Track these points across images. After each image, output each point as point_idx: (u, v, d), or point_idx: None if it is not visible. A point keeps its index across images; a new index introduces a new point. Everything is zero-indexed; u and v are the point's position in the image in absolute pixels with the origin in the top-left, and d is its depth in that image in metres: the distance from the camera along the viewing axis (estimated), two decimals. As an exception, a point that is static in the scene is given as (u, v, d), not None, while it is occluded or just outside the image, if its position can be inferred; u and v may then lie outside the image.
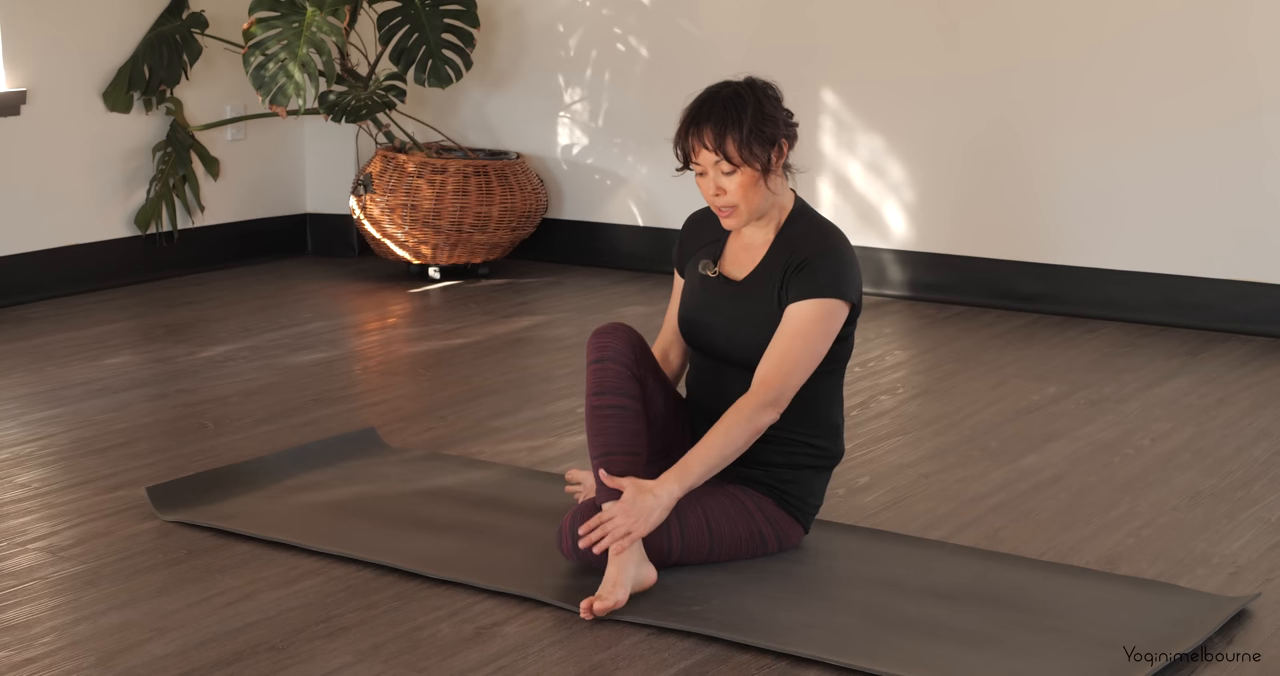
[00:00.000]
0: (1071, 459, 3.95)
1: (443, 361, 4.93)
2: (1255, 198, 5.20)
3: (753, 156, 3.03)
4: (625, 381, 3.06)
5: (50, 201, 5.77)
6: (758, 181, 3.06)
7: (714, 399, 3.19)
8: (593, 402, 3.06)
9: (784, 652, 2.79)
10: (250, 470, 3.73)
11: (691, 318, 3.22)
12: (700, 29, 6.02)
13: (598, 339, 3.11)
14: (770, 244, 3.15)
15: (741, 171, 3.04)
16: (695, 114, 3.06)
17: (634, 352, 3.09)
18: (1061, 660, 2.76)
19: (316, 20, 5.65)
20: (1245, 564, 3.25)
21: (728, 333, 3.15)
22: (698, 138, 3.04)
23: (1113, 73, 5.36)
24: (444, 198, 5.92)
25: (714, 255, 3.23)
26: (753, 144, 3.02)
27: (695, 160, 3.07)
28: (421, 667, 2.76)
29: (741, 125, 3.01)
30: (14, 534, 3.41)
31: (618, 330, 3.12)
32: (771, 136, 3.05)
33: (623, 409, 3.04)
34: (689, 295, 3.25)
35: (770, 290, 3.11)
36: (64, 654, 2.81)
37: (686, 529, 3.07)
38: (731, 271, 3.19)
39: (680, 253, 3.32)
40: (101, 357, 4.94)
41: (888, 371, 4.80)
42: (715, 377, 3.21)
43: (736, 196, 3.06)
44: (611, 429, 3.03)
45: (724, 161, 3.03)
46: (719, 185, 3.06)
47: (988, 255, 5.67)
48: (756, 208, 3.09)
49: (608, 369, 3.06)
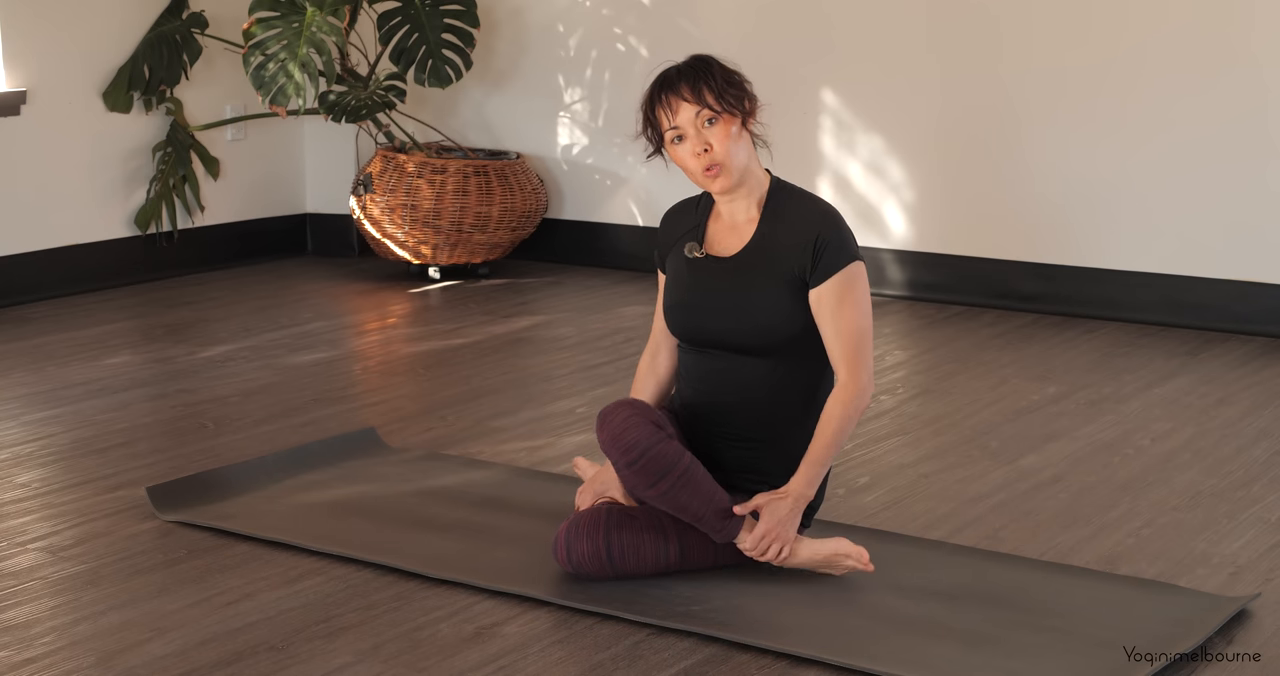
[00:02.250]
0: (1071, 459, 3.95)
1: (443, 361, 4.93)
2: (1255, 198, 5.20)
3: (731, 102, 3.06)
4: (670, 455, 2.99)
5: (50, 201, 5.77)
6: (740, 131, 3.08)
7: (708, 393, 3.15)
8: (661, 488, 2.99)
9: (784, 652, 2.79)
10: (250, 470, 3.73)
11: (682, 302, 3.17)
12: (700, 29, 6.02)
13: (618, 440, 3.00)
14: (758, 220, 3.14)
15: (723, 119, 3.06)
16: (663, 81, 3.10)
17: (643, 420, 3.02)
18: (1061, 660, 2.76)
19: (316, 20, 5.65)
20: (1245, 564, 3.25)
21: (722, 312, 3.11)
22: (674, 94, 3.07)
23: (1114, 74, 5.36)
24: (444, 198, 5.92)
25: (697, 239, 3.21)
26: (727, 91, 3.06)
27: (674, 123, 3.07)
28: (421, 667, 2.76)
29: (713, 76, 3.07)
30: (14, 534, 3.41)
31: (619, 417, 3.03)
32: (740, 85, 3.10)
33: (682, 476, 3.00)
34: (675, 284, 3.21)
35: (771, 264, 3.09)
36: (64, 654, 2.81)
37: (686, 548, 3.08)
38: (719, 251, 3.17)
39: (660, 248, 3.29)
40: (101, 357, 4.94)
41: (888, 371, 4.80)
42: (707, 370, 3.15)
43: (722, 150, 3.06)
44: (692, 493, 3.00)
45: (705, 110, 3.05)
46: (704, 139, 3.06)
47: (988, 255, 5.67)
48: (742, 164, 3.09)
49: (651, 458, 2.98)
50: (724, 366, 3.14)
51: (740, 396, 3.13)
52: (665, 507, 3.02)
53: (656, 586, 3.05)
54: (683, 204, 3.29)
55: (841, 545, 3.09)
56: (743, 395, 3.13)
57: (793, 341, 3.10)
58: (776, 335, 3.08)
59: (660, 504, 3.02)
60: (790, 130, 5.90)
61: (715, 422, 3.16)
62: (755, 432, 3.13)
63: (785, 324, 3.08)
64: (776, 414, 3.12)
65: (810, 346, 3.11)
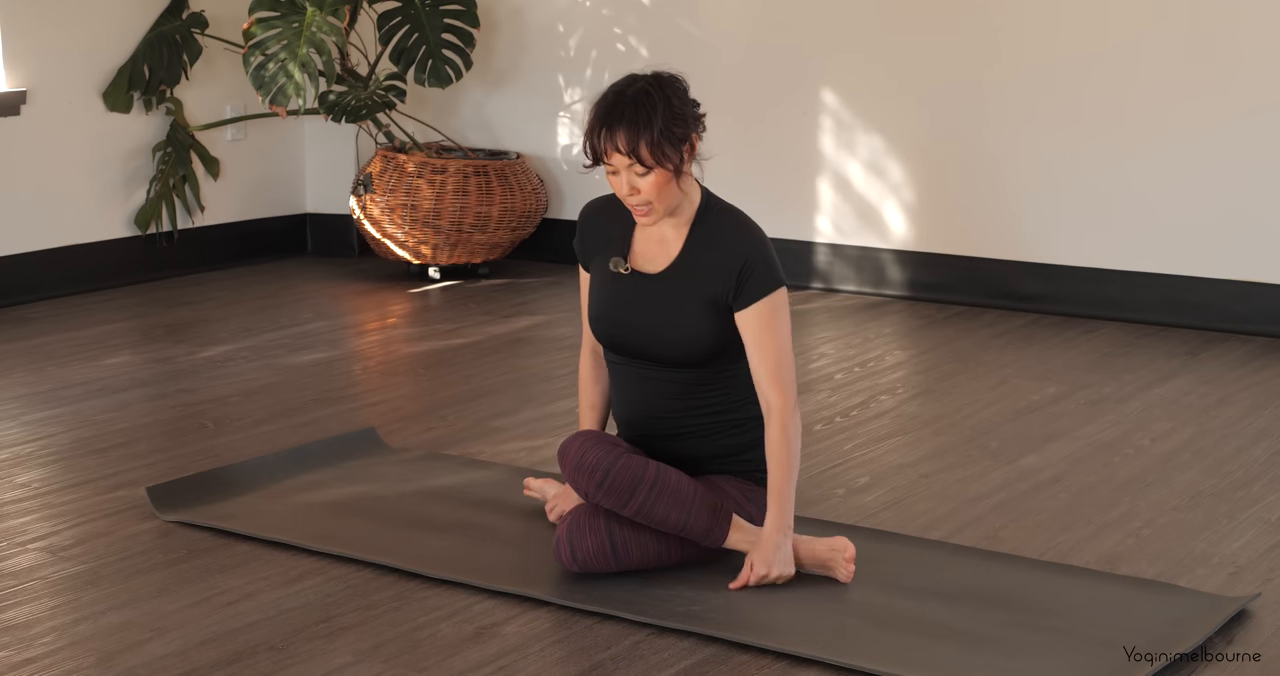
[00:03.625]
0: (1071, 459, 3.95)
1: (443, 361, 4.93)
2: (1255, 198, 5.20)
3: (665, 158, 3.01)
4: (635, 468, 3.02)
5: (50, 201, 5.77)
6: (670, 180, 3.05)
7: (641, 404, 3.17)
8: (636, 504, 3.01)
9: (784, 652, 2.79)
10: (250, 470, 3.73)
11: (609, 317, 3.17)
12: (700, 29, 6.02)
13: (581, 466, 3.03)
14: (685, 237, 3.14)
15: (655, 172, 3.03)
16: (607, 116, 3.02)
17: (598, 442, 3.06)
18: (1061, 660, 2.76)
19: (316, 20, 5.65)
20: (1245, 564, 3.25)
21: (649, 329, 3.12)
22: (610, 141, 3.01)
23: (1115, 74, 5.36)
24: (444, 198, 5.92)
25: (622, 252, 3.19)
26: (664, 145, 3.00)
27: (607, 161, 3.05)
28: (421, 667, 2.76)
29: (653, 127, 2.99)
30: (14, 534, 3.41)
31: (575, 445, 3.07)
32: (682, 135, 3.03)
33: (654, 485, 3.02)
34: (601, 296, 3.20)
35: (696, 284, 3.09)
36: (64, 654, 2.81)
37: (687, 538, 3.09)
38: (645, 267, 3.17)
39: (582, 247, 3.26)
40: (101, 357, 4.94)
41: (888, 371, 4.80)
42: (639, 382, 3.17)
43: (651, 195, 3.04)
44: (670, 503, 3.03)
45: (637, 164, 3.02)
46: (633, 185, 3.04)
47: (988, 255, 5.67)
48: (671, 202, 3.08)
49: (617, 474, 3.01)
50: (647, 375, 3.16)
51: (664, 401, 3.15)
52: (648, 524, 3.04)
53: (656, 586, 3.05)
54: (607, 202, 3.25)
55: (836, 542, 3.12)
56: (667, 400, 3.15)
57: (715, 356, 3.13)
58: (697, 351, 3.11)
59: (641, 520, 3.04)
60: (790, 130, 5.90)
61: (652, 427, 3.19)
62: (690, 428, 3.16)
63: (705, 341, 3.10)
64: (701, 415, 3.15)
65: (731, 356, 3.14)
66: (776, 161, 5.92)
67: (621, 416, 3.25)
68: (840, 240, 5.89)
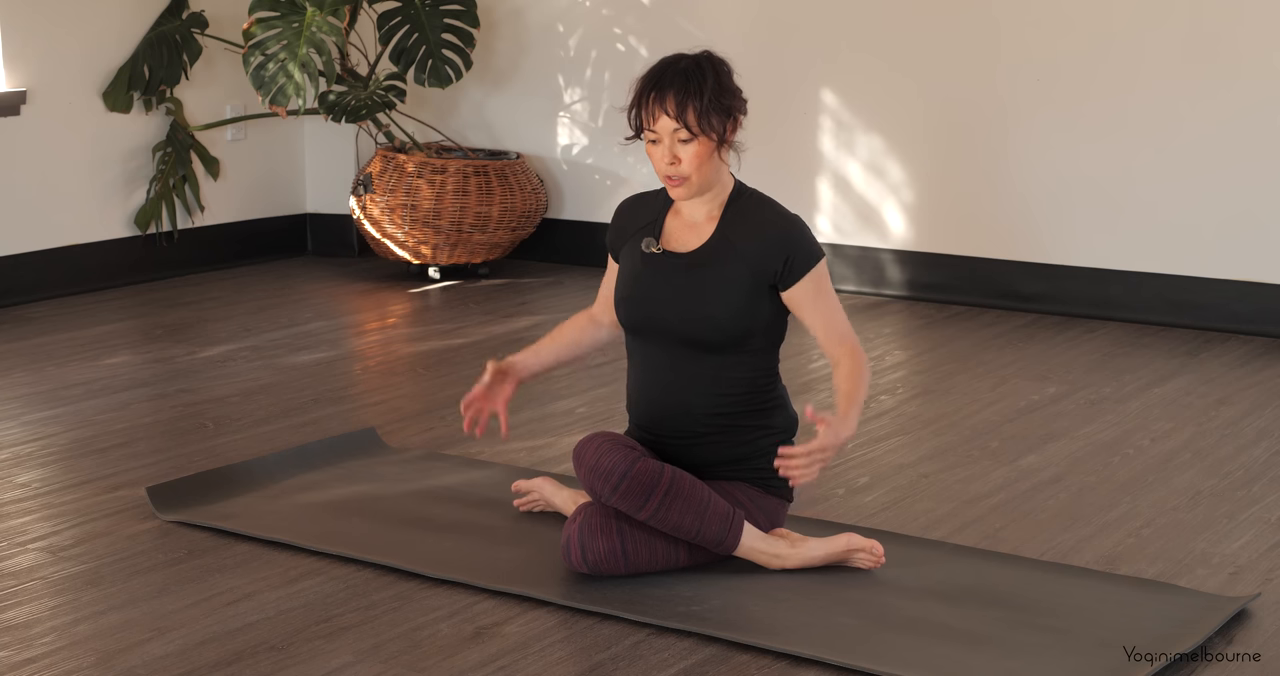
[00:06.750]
0: (1071, 459, 3.95)
1: (443, 361, 4.93)
2: (1256, 198, 5.20)
3: (710, 127, 3.04)
4: (652, 472, 3.02)
5: (50, 201, 5.77)
6: (712, 153, 3.07)
7: (661, 402, 3.17)
8: (651, 508, 3.02)
9: (784, 652, 2.80)
10: (250, 470, 3.73)
11: (635, 295, 3.18)
12: (700, 29, 6.01)
13: (597, 469, 3.03)
14: (718, 220, 3.15)
15: (699, 141, 3.05)
16: (657, 81, 3.06)
17: (615, 445, 3.06)
18: (1061, 660, 2.76)
19: (316, 20, 5.66)
20: (1245, 564, 3.25)
21: (674, 306, 3.13)
22: (660, 103, 3.04)
23: (1116, 75, 5.36)
24: (444, 198, 5.92)
25: (654, 234, 3.21)
26: (711, 114, 3.04)
27: (652, 127, 3.06)
28: (421, 667, 2.76)
29: (702, 94, 3.03)
30: (14, 534, 3.41)
31: (591, 447, 3.07)
32: (729, 108, 3.07)
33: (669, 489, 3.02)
34: (630, 276, 3.21)
35: (730, 262, 3.10)
36: (64, 654, 2.81)
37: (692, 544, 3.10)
38: (675, 247, 3.18)
39: (614, 237, 3.29)
40: (101, 357, 4.94)
41: (888, 371, 4.80)
42: (663, 365, 3.16)
43: (690, 166, 3.06)
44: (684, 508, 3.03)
45: (683, 129, 3.04)
46: (675, 154, 3.06)
47: (988, 255, 5.68)
48: (706, 179, 3.10)
49: (634, 478, 3.01)
50: (672, 360, 3.15)
51: (689, 388, 3.14)
52: (661, 528, 3.04)
53: (657, 586, 3.05)
54: (641, 196, 3.30)
55: (854, 540, 3.13)
56: (691, 387, 3.14)
57: (740, 339, 3.12)
58: (725, 332, 3.10)
59: (654, 525, 3.03)
60: (790, 130, 5.90)
61: (668, 423, 3.17)
62: (705, 425, 3.14)
63: (735, 321, 3.10)
64: (723, 406, 3.14)
65: (756, 344, 3.14)
66: (776, 161, 5.92)
67: (639, 414, 3.23)
68: (840, 240, 5.89)
